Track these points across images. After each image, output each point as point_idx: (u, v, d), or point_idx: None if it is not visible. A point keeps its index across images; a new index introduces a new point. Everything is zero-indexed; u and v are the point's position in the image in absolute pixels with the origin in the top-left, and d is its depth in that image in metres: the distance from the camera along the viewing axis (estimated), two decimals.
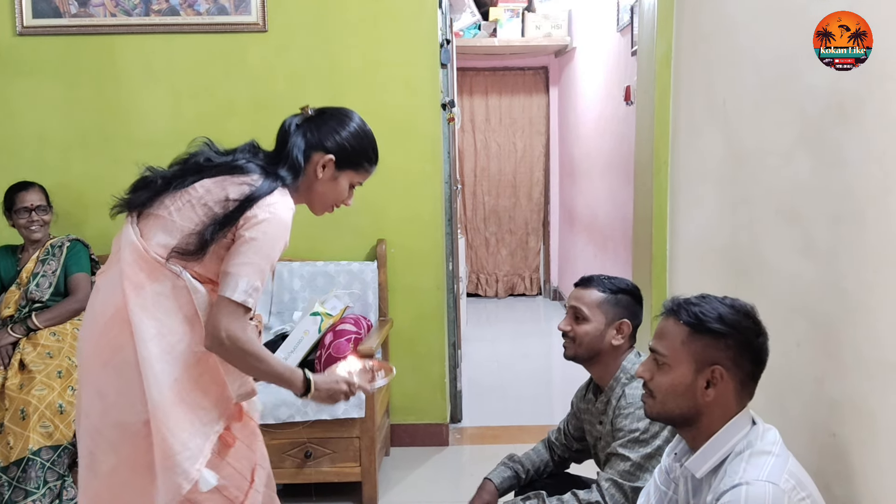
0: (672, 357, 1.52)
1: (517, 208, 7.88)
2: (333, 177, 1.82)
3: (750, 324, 1.52)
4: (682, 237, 3.18)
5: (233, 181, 1.69)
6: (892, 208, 1.59)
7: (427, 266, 3.71)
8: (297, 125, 1.83)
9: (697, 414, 1.51)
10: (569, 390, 4.92)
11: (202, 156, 1.77)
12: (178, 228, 1.68)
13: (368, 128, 1.89)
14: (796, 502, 1.37)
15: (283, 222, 1.68)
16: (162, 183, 1.72)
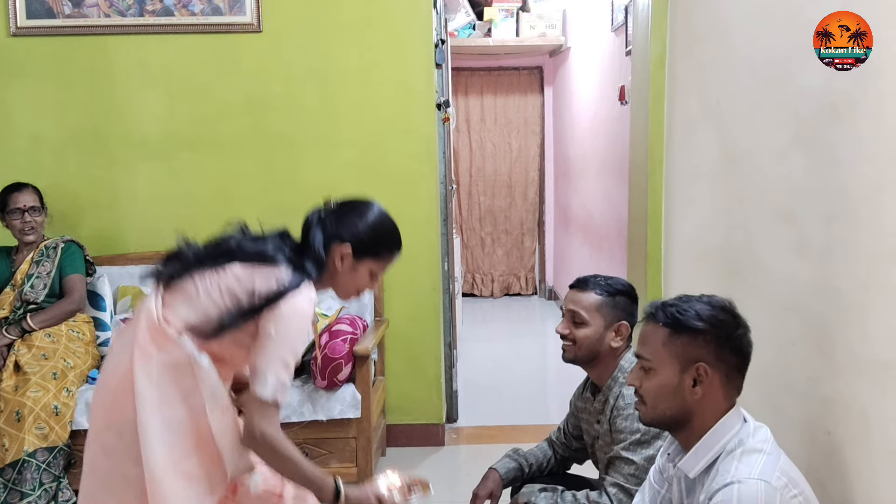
0: (656, 360, 1.52)
1: (513, 208, 7.89)
2: (353, 266, 1.87)
3: (727, 317, 1.53)
4: (677, 237, 3.19)
5: (261, 272, 1.74)
6: (885, 208, 1.60)
7: (422, 266, 3.72)
8: (320, 217, 1.89)
9: (689, 414, 1.51)
10: (564, 390, 4.95)
11: (235, 241, 1.83)
12: (203, 308, 1.73)
13: (387, 217, 1.94)
14: (788, 499, 1.37)
15: (305, 316, 1.74)
16: (194, 259, 1.78)
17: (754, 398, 2.34)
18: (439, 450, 3.72)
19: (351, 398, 2.99)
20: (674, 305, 1.53)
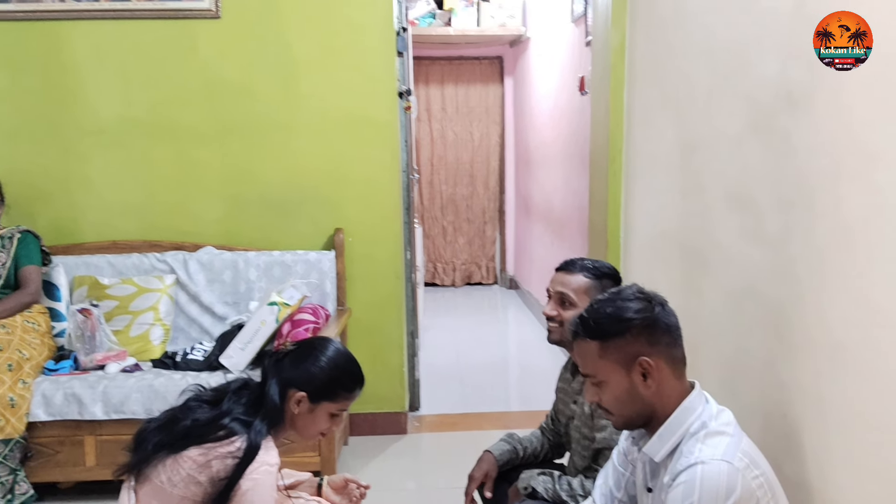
0: (601, 373, 1.53)
1: (474, 197, 7.91)
2: (310, 410, 1.87)
3: (642, 304, 1.54)
4: (637, 224, 3.23)
5: (217, 453, 1.74)
6: (841, 194, 1.64)
7: (385, 255, 3.71)
8: (276, 362, 1.90)
9: (651, 407, 1.53)
10: (526, 378, 5.01)
11: (189, 417, 1.82)
12: (173, 501, 1.75)
13: (343, 356, 1.94)
14: (750, 480, 1.40)
15: (266, 487, 1.76)
16: (152, 449, 1.78)
17: (712, 382, 2.38)
18: (402, 438, 3.72)
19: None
20: (591, 318, 1.54)
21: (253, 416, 1.80)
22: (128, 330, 3.24)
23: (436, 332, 5.80)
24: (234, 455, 1.74)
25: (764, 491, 1.42)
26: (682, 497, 1.39)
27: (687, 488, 1.39)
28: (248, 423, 1.79)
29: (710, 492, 1.36)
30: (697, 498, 1.37)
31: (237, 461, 1.73)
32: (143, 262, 3.45)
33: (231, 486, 1.72)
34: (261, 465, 1.75)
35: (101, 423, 2.89)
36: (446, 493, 3.04)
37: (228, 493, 1.72)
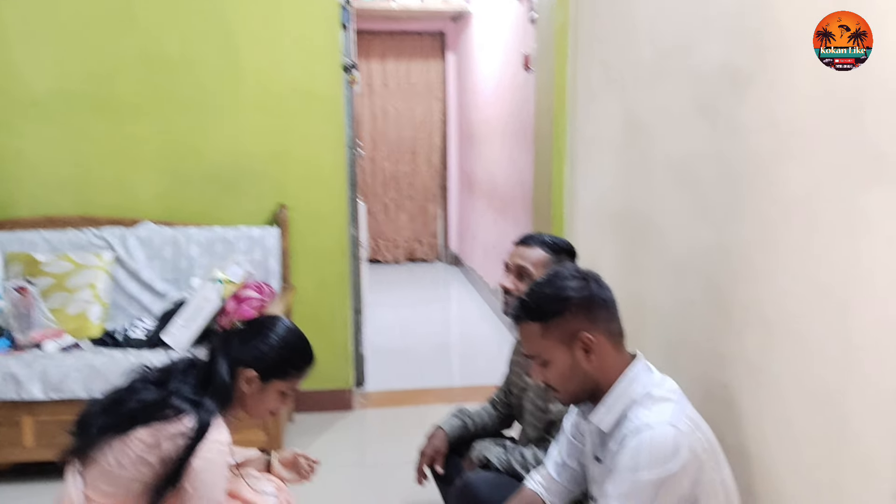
0: (545, 352, 1.58)
1: (416, 174, 7.90)
2: (261, 389, 1.86)
3: (578, 283, 1.59)
4: (581, 202, 3.27)
5: (166, 433, 1.72)
6: (785, 173, 1.69)
7: (330, 231, 3.69)
8: (224, 340, 1.87)
9: (595, 380, 1.58)
10: (470, 354, 5.06)
11: (135, 397, 1.79)
12: (122, 482, 1.74)
13: (293, 335, 1.91)
14: (695, 443, 1.46)
15: (218, 465, 1.75)
16: (98, 432, 1.75)
17: (655, 356, 2.44)
18: (348, 414, 3.73)
19: None
20: (531, 300, 1.59)
21: (201, 396, 1.78)
22: (65, 308, 3.15)
23: (379, 309, 5.80)
24: (184, 434, 1.72)
25: (708, 455, 1.48)
26: (630, 459, 1.44)
27: (634, 451, 1.44)
28: (197, 403, 1.77)
29: (657, 454, 1.42)
30: (645, 460, 1.42)
31: (188, 440, 1.71)
32: (79, 237, 3.35)
33: (182, 465, 1.70)
34: (212, 444, 1.74)
35: (40, 403, 2.82)
36: (393, 467, 3.06)
37: (180, 472, 1.70)
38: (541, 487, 1.80)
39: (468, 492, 2.04)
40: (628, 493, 1.43)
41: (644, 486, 1.42)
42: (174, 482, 1.71)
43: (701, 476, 1.46)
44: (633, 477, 1.43)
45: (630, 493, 1.43)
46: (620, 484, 1.45)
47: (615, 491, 1.45)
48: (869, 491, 1.45)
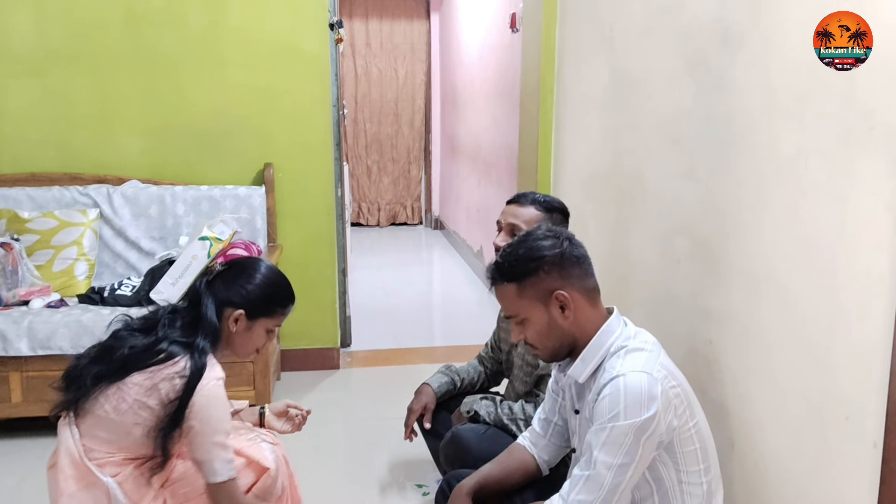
0: (522, 312, 1.61)
1: (399, 136, 7.87)
2: (248, 327, 1.89)
3: (550, 242, 1.61)
4: (567, 163, 3.29)
5: (163, 375, 1.75)
6: (772, 132, 1.71)
7: (316, 191, 3.68)
8: (208, 283, 1.89)
9: (572, 336, 1.62)
10: (452, 315, 5.10)
11: (125, 345, 1.80)
12: (123, 428, 1.77)
13: (276, 274, 1.96)
14: (668, 389, 1.50)
15: (220, 398, 1.79)
16: (91, 383, 1.77)
17: (640, 314, 2.49)
18: (334, 373, 3.76)
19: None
20: (504, 262, 1.61)
21: (191, 338, 1.82)
22: (50, 265, 3.14)
23: (363, 272, 5.82)
24: (180, 374, 1.75)
25: (680, 400, 1.52)
26: (608, 407, 1.48)
27: (612, 399, 1.48)
28: (189, 344, 1.80)
29: (632, 400, 1.46)
30: (623, 407, 1.46)
31: (185, 380, 1.75)
32: (64, 195, 3.33)
33: (184, 405, 1.74)
34: (209, 381, 1.78)
35: (27, 359, 2.82)
36: (378, 423, 3.11)
37: (182, 411, 1.74)
38: (529, 443, 1.84)
39: (457, 443, 2.08)
40: (609, 441, 1.47)
41: (624, 432, 1.46)
42: (178, 422, 1.74)
43: (675, 422, 1.50)
44: (612, 425, 1.47)
45: (610, 440, 1.47)
46: (600, 433, 1.48)
47: (597, 441, 1.49)
48: (851, 442, 1.49)
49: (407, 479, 2.66)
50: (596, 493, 1.47)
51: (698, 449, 1.55)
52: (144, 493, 1.81)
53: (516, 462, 1.83)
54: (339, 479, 2.65)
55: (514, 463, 1.82)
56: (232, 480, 1.81)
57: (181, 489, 1.86)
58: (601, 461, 1.47)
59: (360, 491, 2.57)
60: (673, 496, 1.54)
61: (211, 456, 1.76)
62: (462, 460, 2.03)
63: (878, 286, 1.39)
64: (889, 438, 1.35)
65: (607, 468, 1.47)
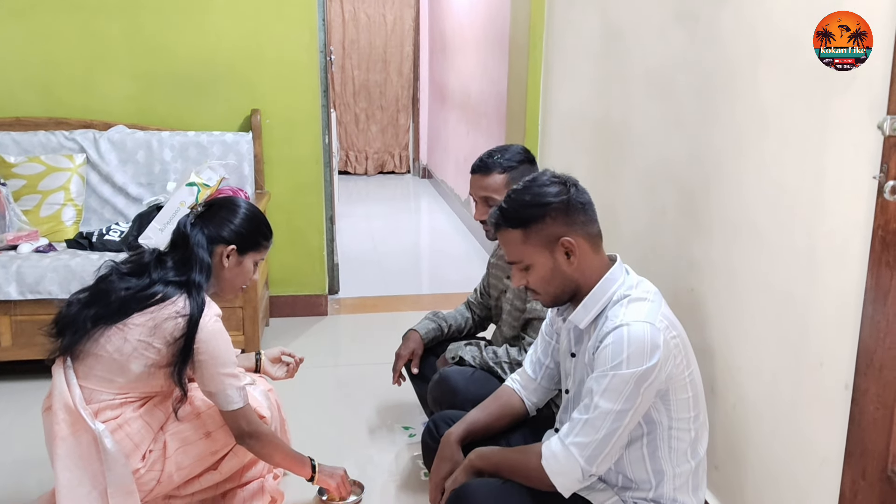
0: (526, 258, 1.62)
1: (388, 84, 7.79)
2: (238, 262, 1.95)
3: (557, 188, 1.61)
4: (556, 111, 3.29)
5: (164, 315, 1.81)
6: (759, 80, 1.73)
7: (303, 138, 3.67)
8: (192, 224, 1.91)
9: (575, 282, 1.63)
10: (439, 263, 5.14)
11: (118, 288, 1.83)
12: (126, 368, 1.81)
13: (256, 208, 2.02)
14: (669, 339, 1.53)
15: (220, 332, 1.86)
16: (91, 325, 1.80)
17: (625, 261, 2.52)
18: (322, 319, 3.79)
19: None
20: (510, 207, 1.62)
21: (184, 277, 1.85)
22: (38, 210, 3.13)
23: (351, 220, 5.83)
24: (181, 314, 1.80)
25: (679, 350, 1.55)
26: (612, 356, 1.50)
27: (616, 348, 1.50)
28: (183, 283, 1.84)
29: (635, 350, 1.49)
30: (626, 356, 1.49)
31: (187, 318, 1.80)
32: (50, 140, 3.30)
33: (190, 342, 1.80)
34: (209, 317, 1.83)
35: (17, 303, 2.83)
36: (366, 368, 3.15)
37: (190, 348, 1.80)
38: (518, 385, 1.88)
39: (444, 384, 2.12)
40: (610, 387, 1.49)
41: (625, 380, 1.48)
42: (188, 358, 1.80)
43: (674, 371, 1.53)
44: (615, 372, 1.49)
45: (612, 387, 1.49)
46: (602, 379, 1.51)
47: (598, 387, 1.51)
48: (825, 385, 1.54)
49: (395, 422, 2.72)
50: (593, 436, 1.51)
51: (691, 397, 1.58)
52: (145, 435, 1.85)
53: (503, 406, 1.87)
54: (327, 423, 2.70)
55: (501, 407, 1.86)
56: (247, 406, 1.88)
57: (182, 433, 1.91)
58: (601, 406, 1.50)
59: (349, 434, 2.63)
60: (661, 440, 1.58)
61: (223, 386, 1.84)
62: (449, 402, 2.08)
63: (854, 234, 1.42)
64: (859, 380, 1.40)
65: (606, 413, 1.50)
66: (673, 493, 1.60)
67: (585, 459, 1.51)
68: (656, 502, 1.61)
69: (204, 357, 1.81)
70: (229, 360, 1.86)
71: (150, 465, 1.85)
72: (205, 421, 1.94)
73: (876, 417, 1.36)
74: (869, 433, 1.39)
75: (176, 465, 1.88)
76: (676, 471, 1.59)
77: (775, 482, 1.73)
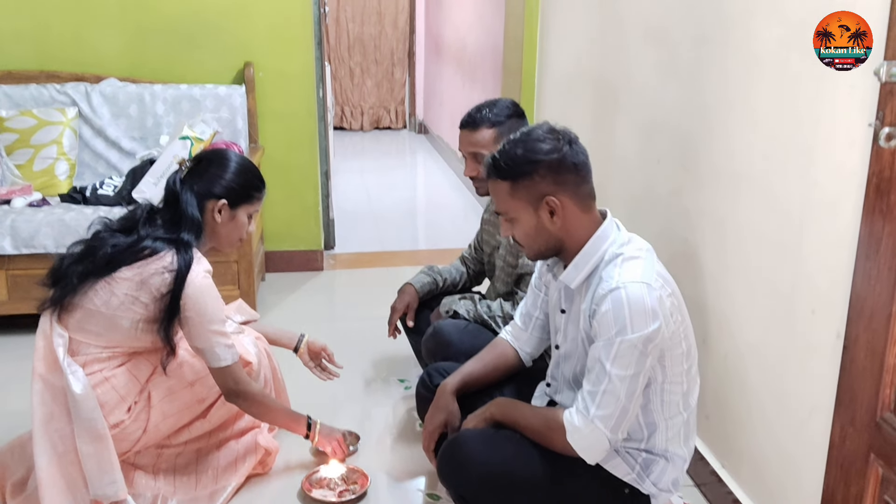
0: (511, 210, 1.61)
1: (382, 37, 7.70)
2: (231, 216, 1.92)
3: (551, 145, 1.57)
4: (552, 63, 3.26)
5: (151, 270, 1.79)
6: (754, 29, 1.71)
7: (297, 92, 3.63)
8: (182, 181, 1.88)
9: (560, 241, 1.62)
10: (435, 218, 5.13)
11: (107, 244, 1.82)
12: (114, 322, 1.81)
13: (246, 160, 1.99)
14: (665, 298, 1.52)
15: (210, 287, 1.84)
16: (78, 281, 1.80)
17: (618, 213, 2.51)
18: (318, 274, 3.80)
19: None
20: (502, 159, 1.59)
21: (174, 234, 1.84)
22: (31, 164, 3.11)
23: (347, 176, 5.80)
24: (168, 269, 1.79)
25: (675, 308, 1.55)
26: (614, 321, 1.49)
27: (616, 313, 1.49)
28: (172, 240, 1.83)
29: (638, 312, 1.48)
30: (629, 320, 1.48)
31: (174, 273, 1.78)
32: (41, 93, 3.26)
33: (177, 297, 1.78)
34: (198, 274, 1.82)
35: (11, 257, 2.83)
36: (362, 323, 3.16)
37: (177, 304, 1.79)
38: (511, 338, 1.88)
39: (438, 336, 2.13)
40: (619, 354, 1.49)
41: (633, 345, 1.48)
42: (175, 314, 1.79)
43: (672, 328, 1.54)
44: (621, 339, 1.48)
45: (621, 354, 1.49)
46: (609, 348, 1.50)
47: (606, 355, 1.50)
48: (817, 334, 1.55)
49: (390, 375, 2.74)
50: (614, 406, 1.50)
51: (685, 351, 1.59)
52: (131, 388, 1.86)
53: (498, 357, 1.87)
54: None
55: (496, 358, 1.87)
56: (236, 364, 1.88)
57: (166, 381, 1.92)
58: (615, 374, 1.49)
59: (345, 387, 2.64)
60: (654, 394, 1.59)
61: (211, 343, 1.83)
62: (443, 354, 2.09)
63: (849, 182, 1.42)
64: (850, 328, 1.41)
65: (621, 380, 1.49)
66: (665, 443, 1.62)
67: (611, 430, 1.51)
68: (649, 452, 1.63)
69: (191, 313, 1.80)
70: (216, 317, 1.85)
71: (136, 416, 1.87)
72: (188, 370, 1.95)
73: (865, 365, 1.38)
74: (858, 381, 1.40)
75: (162, 414, 1.90)
76: (668, 423, 1.61)
77: (766, 430, 1.75)
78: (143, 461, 1.98)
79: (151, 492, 1.95)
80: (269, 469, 2.13)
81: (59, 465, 1.79)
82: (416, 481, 2.12)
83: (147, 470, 1.98)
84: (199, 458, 2.05)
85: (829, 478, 1.50)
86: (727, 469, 1.94)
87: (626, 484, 1.63)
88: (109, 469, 1.78)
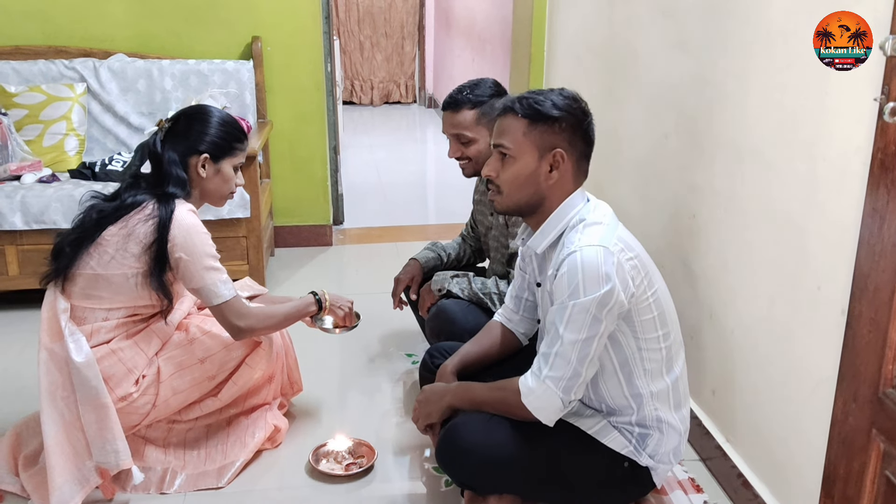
0: (516, 149, 1.60)
1: (392, 10, 7.64)
2: (216, 170, 1.93)
3: (578, 107, 1.61)
4: (561, 37, 3.23)
5: (136, 220, 1.82)
6: (764, 4, 1.69)
7: (305, 66, 3.62)
8: (162, 141, 1.89)
9: (541, 198, 1.62)
10: (443, 193, 5.14)
11: (95, 211, 1.86)
12: (113, 281, 1.83)
13: (225, 114, 1.99)
14: (625, 261, 1.54)
15: (197, 227, 1.85)
16: (72, 250, 1.83)
17: (626, 188, 2.52)
18: (327, 249, 3.81)
19: (239, 198, 2.99)
20: (530, 97, 1.60)
21: (158, 190, 1.86)
22: (40, 140, 3.12)
23: (356, 151, 5.79)
24: (150, 216, 1.81)
25: (637, 271, 1.56)
26: (567, 284, 1.52)
27: (570, 275, 1.51)
28: (154, 194, 1.85)
29: (590, 275, 1.49)
30: (581, 281, 1.50)
31: (157, 219, 1.81)
32: (50, 69, 3.27)
33: (164, 241, 1.80)
34: (183, 214, 1.83)
35: (22, 233, 2.85)
36: (370, 297, 3.16)
37: (164, 249, 1.81)
38: (504, 319, 1.90)
39: (443, 316, 2.15)
40: (572, 318, 1.51)
41: (585, 308, 1.50)
42: (164, 260, 1.81)
43: (635, 292, 1.55)
44: (573, 302, 1.50)
45: (573, 317, 1.51)
46: (562, 311, 1.52)
47: (560, 318, 1.53)
48: (821, 310, 1.55)
49: (397, 349, 2.75)
50: (565, 368, 1.53)
51: (656, 317, 1.60)
52: (138, 361, 1.88)
53: (493, 339, 1.89)
54: (331, 350, 2.74)
55: (492, 340, 1.89)
56: (235, 298, 1.88)
57: (176, 357, 1.94)
58: (567, 338, 1.52)
59: (352, 359, 2.67)
60: (633, 362, 1.61)
61: (206, 281, 1.84)
62: (448, 332, 2.10)
63: (855, 158, 1.41)
64: (854, 304, 1.40)
65: (573, 344, 1.52)
66: (655, 412, 1.64)
67: (563, 390, 1.54)
68: (641, 425, 1.65)
69: (181, 254, 1.81)
70: (208, 253, 1.85)
71: (144, 389, 1.89)
72: (199, 347, 1.97)
73: (869, 341, 1.37)
74: (861, 356, 1.40)
75: (172, 390, 1.92)
76: (653, 391, 1.63)
77: (770, 405, 1.76)
78: (154, 435, 2.01)
79: (161, 465, 1.98)
80: (278, 445, 2.15)
81: (67, 432, 1.83)
82: (422, 454, 2.14)
83: (157, 444, 2.01)
84: (209, 433, 2.08)
85: (831, 453, 1.50)
86: (732, 444, 1.95)
87: (624, 458, 1.65)
88: (111, 438, 1.81)
